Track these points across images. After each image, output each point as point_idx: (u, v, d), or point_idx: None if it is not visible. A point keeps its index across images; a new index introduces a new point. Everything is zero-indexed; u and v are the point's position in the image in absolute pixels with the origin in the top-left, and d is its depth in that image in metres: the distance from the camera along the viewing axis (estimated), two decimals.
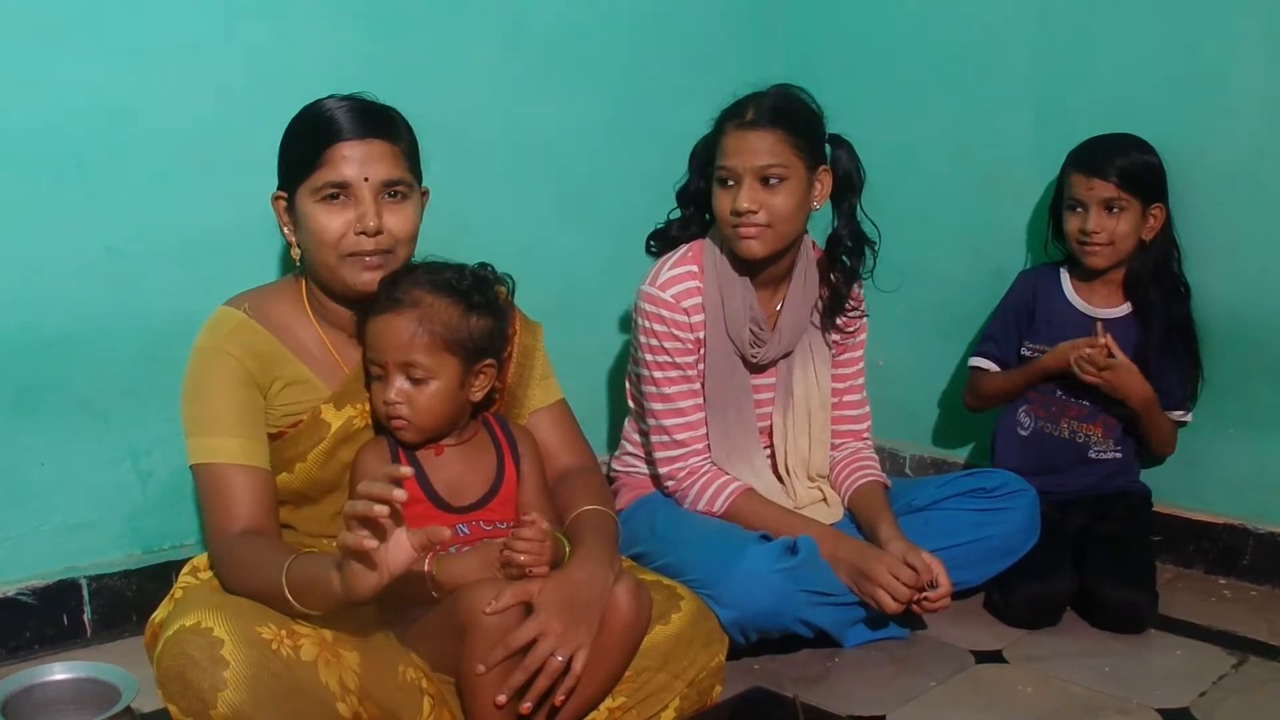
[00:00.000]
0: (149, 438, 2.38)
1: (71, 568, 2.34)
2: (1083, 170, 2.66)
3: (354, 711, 1.67)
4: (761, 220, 2.31)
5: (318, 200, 1.85)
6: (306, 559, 1.71)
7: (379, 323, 1.87)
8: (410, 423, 1.88)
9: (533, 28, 2.84)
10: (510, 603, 1.74)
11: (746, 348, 2.45)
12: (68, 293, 2.26)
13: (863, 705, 2.13)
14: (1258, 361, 2.70)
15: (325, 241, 1.86)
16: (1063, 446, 2.76)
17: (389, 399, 1.87)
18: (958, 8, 3.10)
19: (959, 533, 2.45)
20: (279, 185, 1.93)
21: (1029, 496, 2.49)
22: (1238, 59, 2.64)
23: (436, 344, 1.87)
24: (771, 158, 2.30)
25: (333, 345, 1.97)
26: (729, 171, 2.33)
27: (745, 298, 2.42)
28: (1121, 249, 2.65)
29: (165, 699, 1.60)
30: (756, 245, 2.34)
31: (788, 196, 2.32)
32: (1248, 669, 2.29)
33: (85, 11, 2.21)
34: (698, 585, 2.12)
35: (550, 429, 2.11)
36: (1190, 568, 2.82)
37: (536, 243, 2.84)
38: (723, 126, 2.37)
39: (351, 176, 1.84)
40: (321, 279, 1.92)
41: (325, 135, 1.85)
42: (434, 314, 1.87)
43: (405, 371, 1.87)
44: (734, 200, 2.31)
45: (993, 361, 2.86)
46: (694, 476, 2.43)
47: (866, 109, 3.11)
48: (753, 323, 2.43)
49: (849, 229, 2.47)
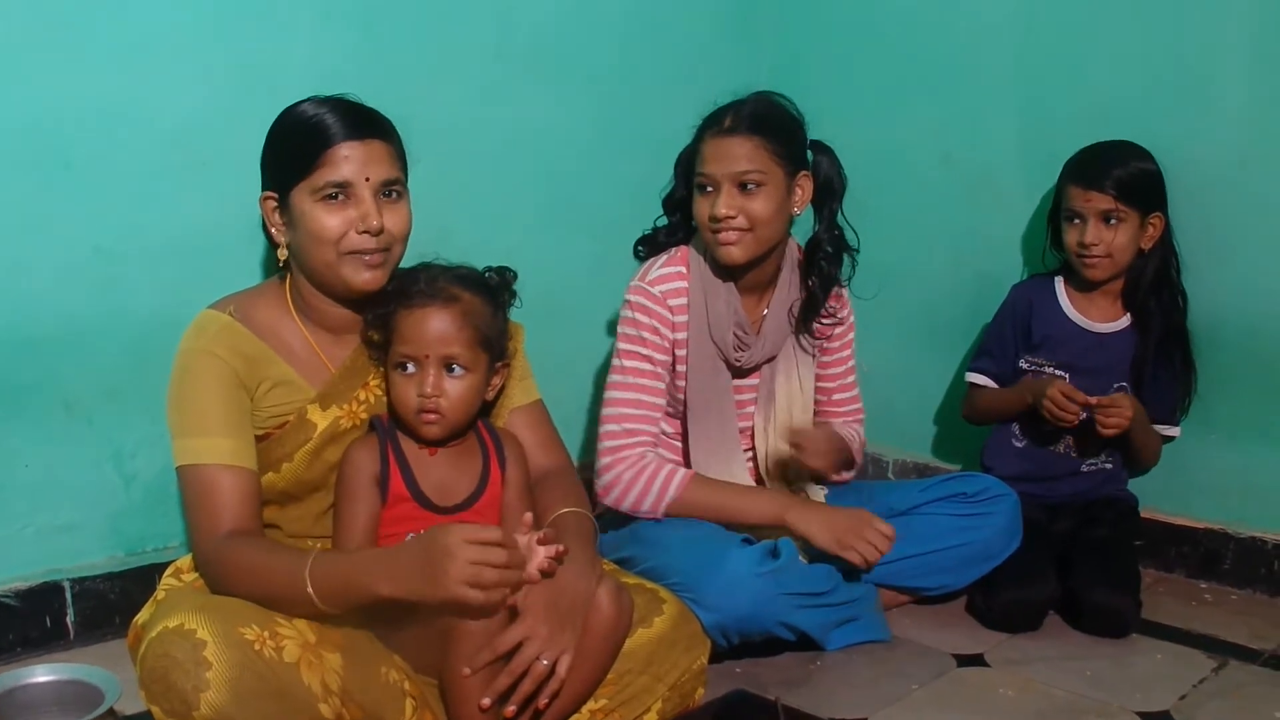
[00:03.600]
0: (133, 439, 2.38)
1: (54, 570, 2.34)
2: (1079, 182, 2.64)
3: (336, 713, 1.67)
4: (741, 225, 2.33)
5: (317, 200, 1.86)
6: (328, 557, 1.75)
7: (422, 315, 1.89)
8: (444, 416, 1.90)
9: (519, 30, 2.84)
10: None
11: (730, 351, 2.45)
12: (53, 293, 2.26)
13: (844, 708, 2.13)
14: (1240, 367, 2.71)
15: (326, 240, 1.86)
16: (1057, 460, 2.77)
17: (427, 391, 1.88)
18: (945, 13, 3.10)
19: (941, 538, 2.47)
20: (267, 186, 1.93)
21: (1010, 501, 2.50)
22: (1224, 65, 2.66)
23: (477, 339, 1.92)
24: (748, 164, 2.32)
25: (318, 345, 1.97)
26: (707, 178, 2.36)
27: (729, 302, 2.43)
28: (1120, 261, 2.65)
29: (148, 700, 1.60)
30: (736, 251, 2.35)
31: (766, 201, 2.33)
32: (1228, 672, 2.30)
33: (72, 11, 2.21)
34: (680, 589, 2.13)
35: (527, 428, 2.12)
36: (1171, 572, 2.83)
37: (522, 246, 2.83)
38: (702, 135, 2.39)
39: (352, 176, 1.86)
40: (319, 278, 1.93)
41: (324, 135, 1.87)
42: (475, 309, 1.92)
43: (445, 364, 1.89)
44: (712, 206, 2.33)
45: (989, 377, 2.84)
46: (636, 466, 2.39)
47: (853, 114, 3.13)
48: (737, 327, 2.44)
49: (829, 234, 2.48)
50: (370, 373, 1.98)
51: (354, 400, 1.96)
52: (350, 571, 1.71)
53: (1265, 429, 2.69)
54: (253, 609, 1.69)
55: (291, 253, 1.94)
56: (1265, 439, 2.69)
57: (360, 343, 1.98)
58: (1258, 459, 2.71)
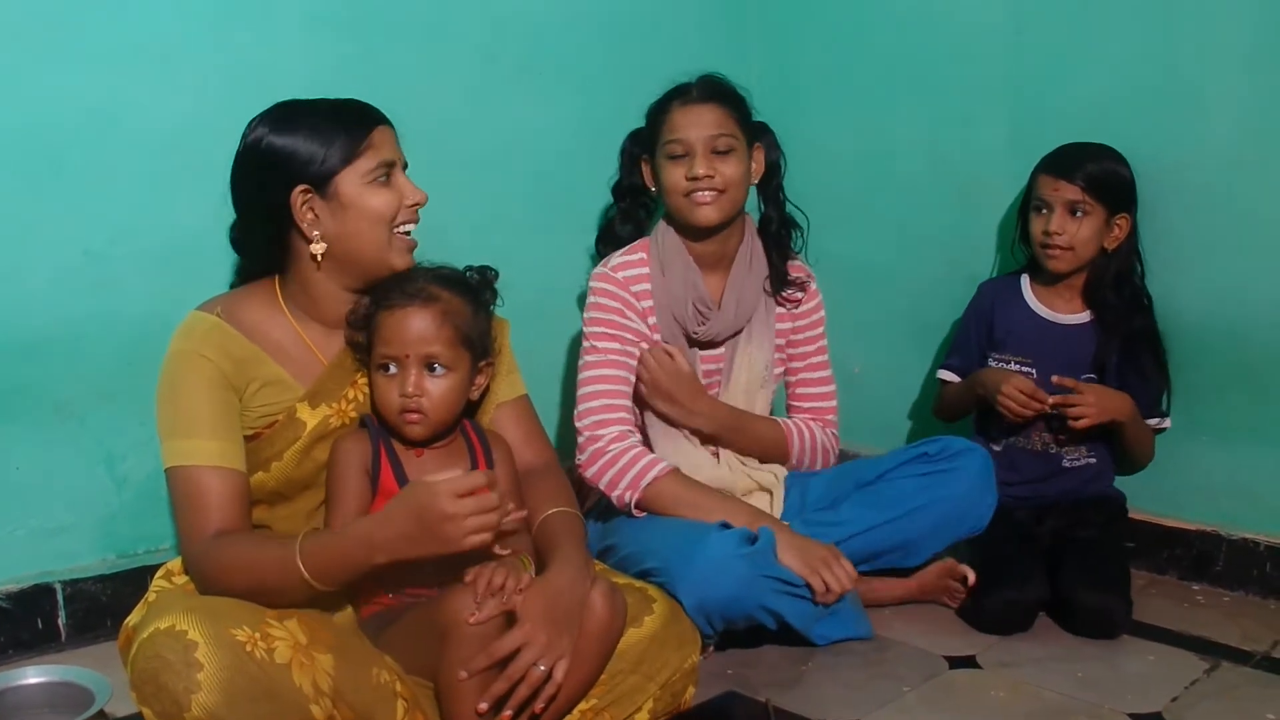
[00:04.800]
0: (125, 442, 2.38)
1: (46, 572, 2.34)
2: (1050, 172, 2.67)
3: (328, 714, 1.67)
4: (717, 185, 2.41)
5: (368, 183, 1.88)
6: (317, 536, 1.78)
7: (402, 316, 1.90)
8: (426, 416, 1.91)
9: (510, 32, 2.85)
10: (492, 613, 1.75)
11: (691, 325, 2.50)
12: (45, 296, 2.27)
13: (836, 710, 2.14)
14: (1230, 370, 2.71)
15: (383, 220, 1.90)
16: (1035, 459, 2.76)
17: (409, 391, 1.89)
18: (934, 16, 3.11)
19: (907, 499, 2.45)
20: (290, 184, 1.86)
21: (977, 455, 2.48)
22: (1213, 70, 2.66)
23: (457, 338, 1.92)
24: (721, 128, 2.42)
25: (310, 340, 1.97)
26: (681, 144, 2.43)
27: (688, 276, 2.48)
28: (1082, 254, 2.66)
29: (139, 702, 1.60)
30: (712, 211, 2.43)
31: (736, 165, 2.44)
32: (1220, 674, 2.31)
33: (64, 15, 2.21)
34: (661, 573, 2.15)
35: (513, 423, 2.12)
36: (1163, 574, 2.83)
37: (512, 247, 2.84)
38: (666, 108, 2.48)
39: (394, 157, 1.93)
40: (363, 263, 1.92)
41: (366, 120, 1.91)
42: (455, 309, 1.93)
43: (426, 364, 1.90)
44: (689, 168, 2.41)
45: (955, 374, 2.89)
46: (620, 445, 2.40)
47: (842, 117, 3.14)
48: (697, 301, 2.49)
49: (778, 212, 2.58)
50: (359, 371, 1.99)
51: (343, 399, 1.96)
52: (343, 544, 1.74)
53: (1255, 431, 2.70)
54: (244, 610, 1.69)
55: (331, 242, 1.90)
56: (1256, 441, 2.70)
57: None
58: (1249, 461, 2.72)
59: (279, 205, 1.88)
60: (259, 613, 1.70)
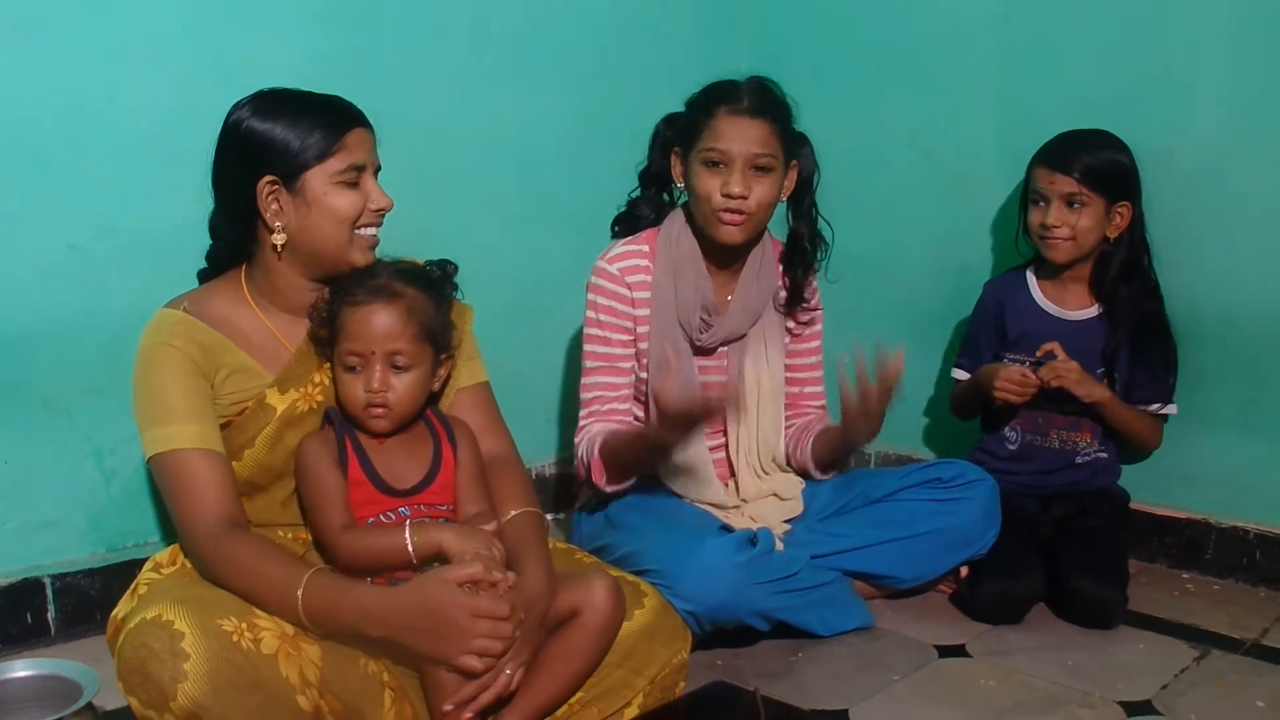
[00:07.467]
0: (112, 436, 2.37)
1: (35, 566, 2.33)
2: (1046, 164, 2.66)
3: (314, 704, 1.67)
4: (749, 208, 2.34)
5: (335, 183, 1.88)
6: (325, 579, 1.75)
7: (366, 312, 1.89)
8: (391, 410, 1.91)
9: (496, 26, 2.85)
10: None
11: (695, 332, 2.47)
12: (30, 291, 2.26)
13: (825, 699, 2.14)
14: (1220, 359, 2.72)
15: (345, 220, 1.89)
16: (1052, 455, 2.77)
17: (374, 387, 1.88)
18: (923, 8, 3.12)
19: (916, 523, 2.47)
20: (260, 172, 1.87)
21: (986, 486, 2.50)
22: (1202, 60, 2.67)
23: (421, 334, 1.92)
24: (765, 147, 2.34)
25: (276, 329, 1.97)
26: (722, 154, 2.34)
27: (699, 284, 2.44)
28: (1083, 244, 2.65)
29: (126, 691, 1.61)
30: (737, 232, 2.38)
31: (771, 187, 2.37)
32: (1210, 662, 2.31)
33: (48, 11, 2.21)
34: (655, 576, 2.14)
35: (472, 409, 2.11)
36: (1154, 562, 2.84)
37: (500, 243, 2.85)
38: (713, 109, 2.37)
39: (366, 160, 1.92)
40: (321, 258, 1.92)
41: (345, 120, 1.90)
42: (418, 304, 1.92)
43: (390, 360, 1.90)
44: (724, 184, 2.33)
45: (966, 372, 2.88)
46: (583, 440, 2.42)
47: (833, 109, 3.13)
48: (703, 309, 2.45)
49: (809, 228, 2.52)
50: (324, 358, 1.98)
51: (310, 383, 1.96)
52: (344, 602, 1.72)
53: (1246, 420, 2.71)
54: (231, 600, 1.70)
55: (291, 235, 1.91)
56: (1246, 430, 2.71)
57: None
58: (1239, 449, 2.72)
59: (247, 190, 1.89)
60: (246, 603, 1.70)
